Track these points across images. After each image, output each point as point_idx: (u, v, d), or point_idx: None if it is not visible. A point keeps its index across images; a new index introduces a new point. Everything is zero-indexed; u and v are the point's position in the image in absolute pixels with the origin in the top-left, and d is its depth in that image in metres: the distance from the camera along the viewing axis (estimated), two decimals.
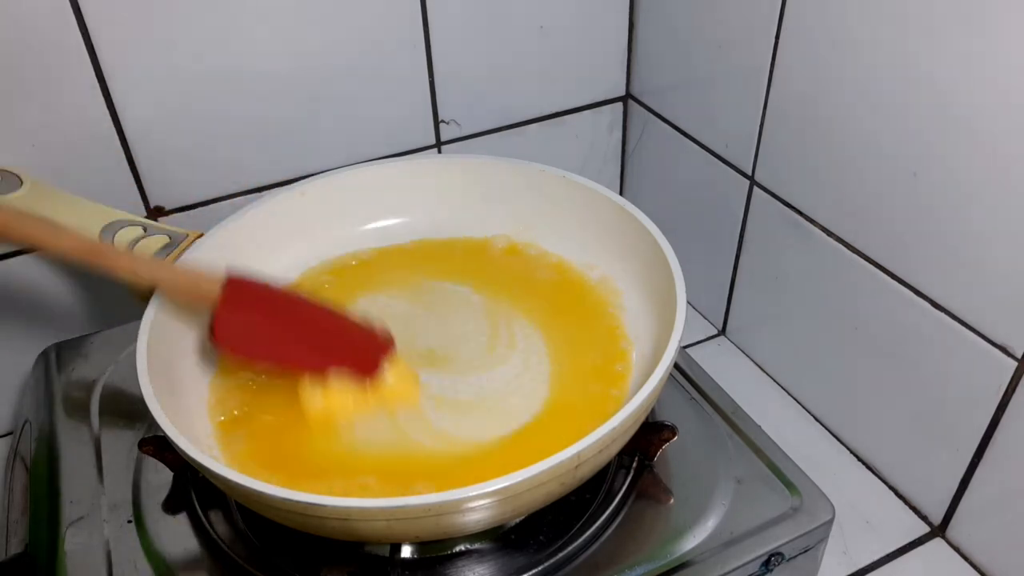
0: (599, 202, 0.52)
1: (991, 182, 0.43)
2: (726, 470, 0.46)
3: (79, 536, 0.44)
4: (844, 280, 0.55)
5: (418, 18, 0.60)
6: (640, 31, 0.68)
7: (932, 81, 0.45)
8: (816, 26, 0.51)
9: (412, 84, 0.63)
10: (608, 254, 0.53)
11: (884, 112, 0.48)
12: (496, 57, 0.65)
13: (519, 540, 0.43)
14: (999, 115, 0.42)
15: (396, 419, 0.44)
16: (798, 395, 0.64)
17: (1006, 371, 0.46)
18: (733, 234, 0.64)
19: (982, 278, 0.46)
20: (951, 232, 0.47)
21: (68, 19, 0.51)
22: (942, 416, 0.51)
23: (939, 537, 0.54)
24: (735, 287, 0.67)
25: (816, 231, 0.56)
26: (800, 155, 0.55)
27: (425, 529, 0.37)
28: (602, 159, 0.76)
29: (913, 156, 0.47)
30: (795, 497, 0.45)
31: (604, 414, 0.38)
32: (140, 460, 0.48)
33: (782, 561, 0.43)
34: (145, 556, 0.43)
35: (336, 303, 0.48)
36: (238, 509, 0.45)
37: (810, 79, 0.52)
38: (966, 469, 0.51)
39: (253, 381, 0.47)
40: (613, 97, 0.72)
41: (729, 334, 0.70)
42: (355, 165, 0.57)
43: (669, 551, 0.42)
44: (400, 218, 0.58)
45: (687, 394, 0.51)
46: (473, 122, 0.67)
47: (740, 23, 0.57)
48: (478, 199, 0.57)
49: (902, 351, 0.52)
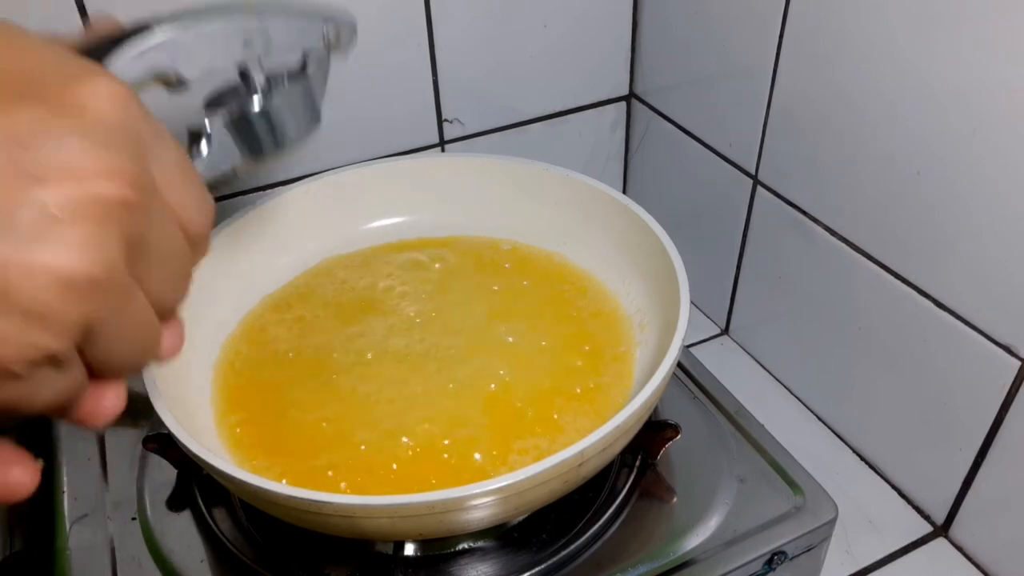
0: (602, 201, 0.52)
1: (995, 181, 0.43)
2: (729, 469, 0.46)
3: (83, 533, 0.44)
4: (847, 279, 0.55)
5: (422, 17, 0.60)
6: (644, 30, 0.68)
7: (935, 80, 0.45)
8: (819, 25, 0.51)
9: (415, 83, 0.63)
10: (611, 253, 0.53)
11: (887, 111, 0.48)
12: (500, 56, 0.65)
13: (522, 538, 0.43)
14: (1002, 114, 0.42)
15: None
16: (801, 394, 0.64)
17: (1010, 370, 0.46)
18: (736, 233, 0.64)
19: (986, 278, 0.46)
20: (955, 232, 0.46)
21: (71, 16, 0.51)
22: (945, 415, 0.51)
23: (942, 537, 0.54)
24: (738, 286, 0.67)
25: (819, 230, 0.56)
26: (804, 154, 0.55)
27: (428, 527, 0.37)
28: (605, 158, 0.76)
29: (916, 155, 0.47)
30: (798, 496, 0.45)
31: (607, 413, 0.38)
32: (144, 457, 0.48)
33: (785, 560, 0.43)
34: (149, 553, 0.43)
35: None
36: (242, 506, 0.45)
37: (813, 78, 0.52)
38: (969, 469, 0.51)
39: (259, 378, 0.47)
40: (616, 96, 0.72)
41: (732, 333, 0.70)
42: (358, 164, 0.57)
43: (672, 550, 0.42)
44: (403, 217, 0.58)
45: (690, 393, 0.51)
46: (476, 121, 0.67)
47: (744, 22, 0.57)
48: (481, 198, 0.57)
49: (905, 350, 0.52)
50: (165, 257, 0.23)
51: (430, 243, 0.57)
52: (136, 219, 0.21)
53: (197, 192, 0.24)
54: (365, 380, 0.47)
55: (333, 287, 0.53)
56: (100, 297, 0.20)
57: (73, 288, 0.19)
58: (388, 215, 0.57)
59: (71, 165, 0.19)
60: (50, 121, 0.20)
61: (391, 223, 0.57)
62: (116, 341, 0.22)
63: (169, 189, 0.23)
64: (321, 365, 0.48)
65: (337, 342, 0.49)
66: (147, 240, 0.22)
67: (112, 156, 0.20)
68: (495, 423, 0.44)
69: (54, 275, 0.19)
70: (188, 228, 0.24)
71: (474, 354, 0.48)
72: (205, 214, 0.25)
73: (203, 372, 0.47)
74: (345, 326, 0.50)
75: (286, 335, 0.50)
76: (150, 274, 0.22)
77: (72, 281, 0.19)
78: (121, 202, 0.20)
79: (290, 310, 0.52)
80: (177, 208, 0.23)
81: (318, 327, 0.51)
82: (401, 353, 0.48)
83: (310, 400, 0.46)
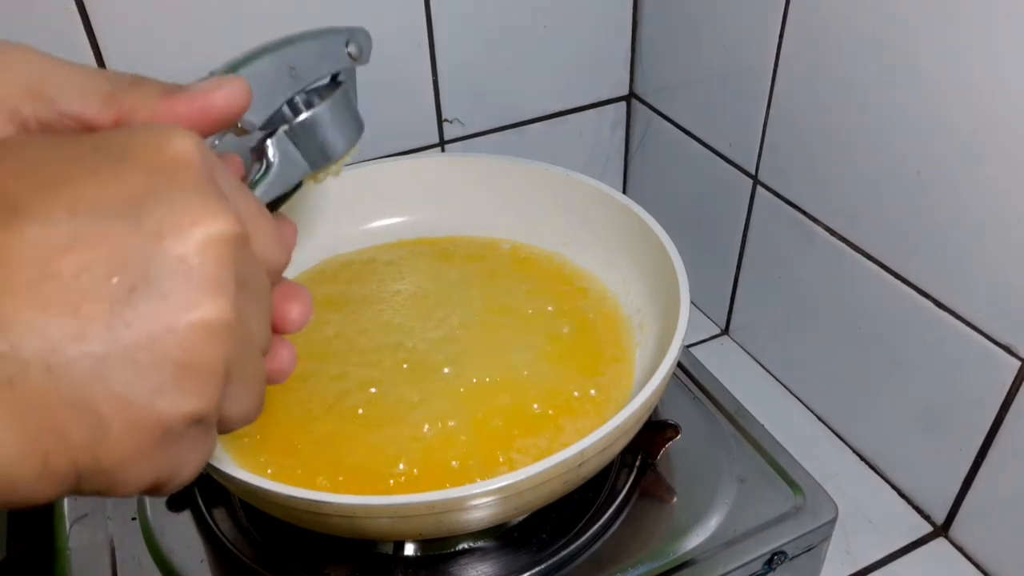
0: (602, 201, 0.52)
1: (995, 181, 0.43)
2: (729, 469, 0.46)
3: (83, 533, 0.44)
4: (847, 279, 0.55)
5: (422, 17, 0.60)
6: (644, 30, 0.68)
7: (935, 80, 0.45)
8: (819, 25, 0.51)
9: (416, 83, 0.63)
10: (611, 253, 0.53)
11: (887, 111, 0.48)
12: (500, 56, 0.65)
13: (522, 538, 0.43)
14: (1002, 115, 0.42)
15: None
16: (801, 394, 0.64)
17: (1009, 371, 0.46)
18: (736, 233, 0.64)
19: (986, 278, 0.46)
20: (954, 231, 0.46)
21: (73, 17, 0.51)
22: (945, 416, 0.51)
23: (942, 537, 0.54)
24: (738, 286, 0.67)
25: (819, 230, 0.56)
26: (804, 154, 0.55)
27: (428, 527, 0.37)
28: (605, 158, 0.76)
29: (916, 155, 0.47)
30: (798, 496, 0.45)
31: (607, 413, 0.38)
32: None
33: (785, 560, 0.43)
34: (149, 553, 0.43)
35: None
36: (242, 507, 0.45)
37: (814, 78, 0.52)
38: (969, 469, 0.51)
39: None
40: (616, 96, 0.72)
41: (732, 333, 0.70)
42: (358, 164, 0.57)
43: (672, 550, 0.42)
44: (403, 217, 0.58)
45: (690, 393, 0.51)
46: (476, 121, 0.67)
47: (744, 22, 0.57)
48: (481, 198, 0.57)
49: (905, 350, 0.52)
50: (258, 296, 0.23)
51: (430, 243, 0.57)
52: (243, 257, 0.21)
53: (274, 230, 0.25)
54: (365, 380, 0.47)
55: (333, 287, 0.53)
56: (233, 339, 0.21)
57: (214, 333, 0.20)
58: (388, 215, 0.57)
59: (181, 217, 0.20)
60: (150, 182, 0.20)
61: (391, 223, 0.57)
62: (243, 389, 0.23)
63: (253, 228, 0.23)
64: (321, 365, 0.48)
65: (337, 342, 0.49)
66: (246, 282, 0.22)
67: (210, 200, 0.21)
68: (495, 423, 0.44)
69: (195, 324, 0.20)
70: (271, 267, 0.24)
71: (474, 354, 0.48)
72: (283, 251, 0.25)
73: None
74: (345, 326, 0.50)
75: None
76: (250, 316, 0.23)
77: (212, 326, 0.20)
78: (232, 239, 0.21)
79: None
80: (259, 248, 0.24)
81: (318, 327, 0.50)
82: (401, 353, 0.48)
83: (311, 400, 0.46)
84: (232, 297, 0.20)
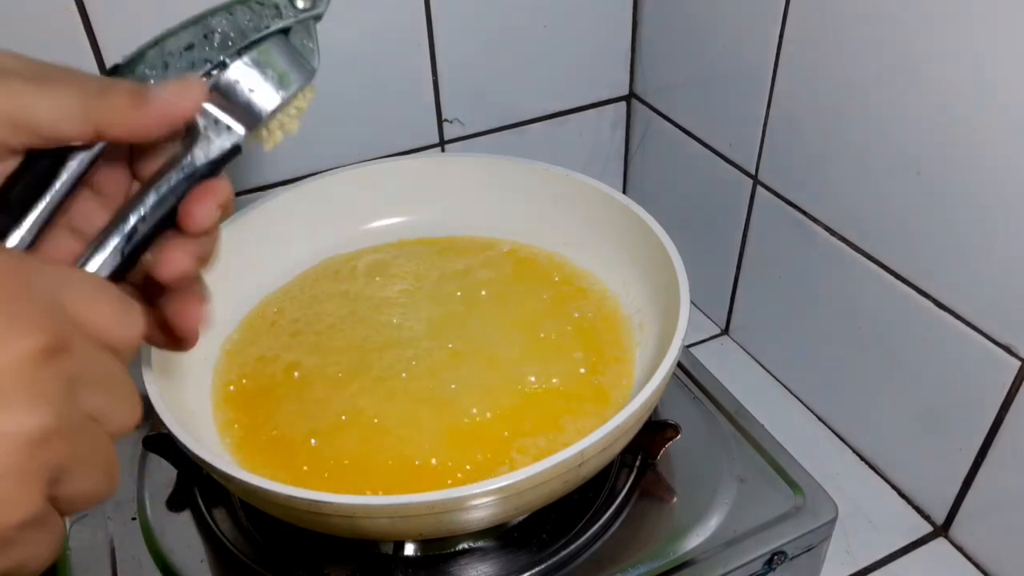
0: (602, 201, 0.52)
1: (994, 181, 0.43)
2: (729, 469, 0.46)
3: (83, 533, 0.44)
4: (847, 279, 0.55)
5: (422, 17, 0.60)
6: (644, 30, 0.68)
7: (935, 79, 0.45)
8: (819, 25, 0.51)
9: (416, 83, 0.63)
10: (611, 253, 0.53)
11: (887, 111, 0.48)
12: (500, 56, 0.65)
13: (522, 538, 0.43)
14: (1003, 114, 0.42)
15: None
16: (801, 394, 0.64)
17: (1009, 371, 0.46)
18: (736, 233, 0.64)
19: (986, 278, 0.46)
20: (955, 231, 0.46)
21: (73, 17, 0.51)
22: (945, 416, 0.51)
23: (942, 537, 0.54)
24: (738, 286, 0.67)
25: (819, 230, 0.56)
26: (803, 154, 0.55)
27: (428, 527, 0.37)
28: (605, 158, 0.76)
29: (916, 155, 0.47)
30: (798, 496, 0.45)
31: (607, 413, 0.38)
32: (144, 458, 0.48)
33: (785, 560, 0.43)
34: (149, 553, 0.43)
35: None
36: (242, 507, 0.45)
37: (813, 78, 0.52)
38: (969, 469, 0.51)
39: (259, 378, 0.47)
40: (616, 96, 0.72)
41: (732, 333, 0.70)
42: (358, 164, 0.57)
43: (672, 550, 0.42)
44: (403, 217, 0.58)
45: (690, 393, 0.51)
46: (476, 121, 0.67)
47: (744, 22, 0.57)
48: (481, 198, 0.57)
49: (905, 350, 0.52)
50: (100, 378, 0.24)
51: (430, 243, 0.57)
52: (64, 359, 0.22)
53: (115, 307, 0.25)
54: (365, 380, 0.47)
55: (333, 287, 0.53)
56: (60, 438, 0.22)
57: (28, 442, 0.21)
58: (388, 215, 0.57)
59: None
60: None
61: (391, 223, 0.57)
62: (85, 474, 0.23)
63: (85, 319, 0.24)
64: (321, 365, 0.48)
65: (337, 342, 0.49)
66: (82, 373, 0.23)
67: (15, 318, 0.21)
68: (495, 423, 0.44)
69: (12, 437, 0.20)
70: (116, 346, 0.25)
71: (474, 354, 0.48)
72: (128, 326, 0.25)
73: (203, 373, 0.47)
74: (345, 326, 0.50)
75: (286, 335, 0.50)
76: (92, 402, 0.23)
77: (25, 436, 0.21)
78: (42, 351, 0.21)
79: (290, 310, 0.52)
80: (99, 333, 0.24)
81: (318, 327, 0.51)
82: (401, 352, 0.48)
83: (310, 400, 0.46)
84: (52, 402, 0.21)
